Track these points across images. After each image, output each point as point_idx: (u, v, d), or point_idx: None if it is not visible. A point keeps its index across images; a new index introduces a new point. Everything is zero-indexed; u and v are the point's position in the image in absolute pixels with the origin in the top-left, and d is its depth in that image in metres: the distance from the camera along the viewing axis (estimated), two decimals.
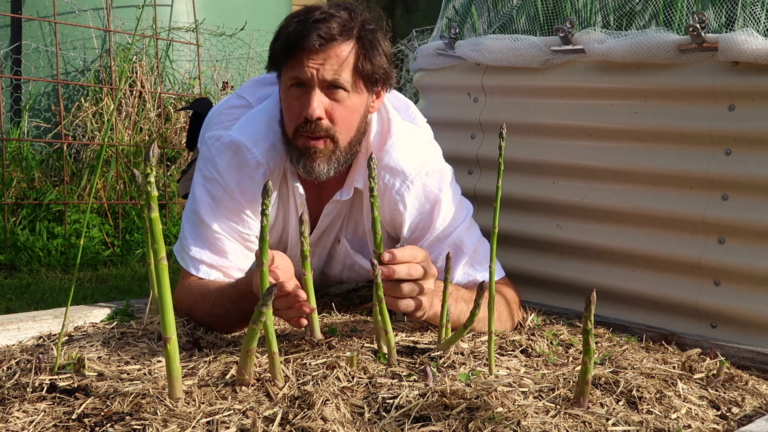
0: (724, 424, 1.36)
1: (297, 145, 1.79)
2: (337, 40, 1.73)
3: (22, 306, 2.93)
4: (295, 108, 1.77)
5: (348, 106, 1.77)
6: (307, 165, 1.79)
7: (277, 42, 1.77)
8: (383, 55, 1.79)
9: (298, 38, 1.72)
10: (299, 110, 1.76)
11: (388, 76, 1.83)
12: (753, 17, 1.85)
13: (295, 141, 1.79)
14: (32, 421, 1.24)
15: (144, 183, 1.28)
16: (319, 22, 1.71)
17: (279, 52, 1.76)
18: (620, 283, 2.10)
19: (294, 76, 1.75)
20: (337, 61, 1.73)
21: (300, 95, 1.76)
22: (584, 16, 2.24)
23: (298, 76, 1.74)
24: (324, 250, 2.03)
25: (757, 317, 1.84)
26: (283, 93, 1.82)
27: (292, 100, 1.77)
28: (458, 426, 1.22)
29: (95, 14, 4.85)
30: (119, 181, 4.43)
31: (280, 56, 1.76)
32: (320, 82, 1.73)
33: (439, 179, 1.89)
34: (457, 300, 1.73)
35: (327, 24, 1.72)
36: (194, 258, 1.83)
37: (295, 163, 1.82)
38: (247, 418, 1.24)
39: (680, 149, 1.99)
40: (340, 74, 1.74)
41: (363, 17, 1.78)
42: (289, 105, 1.79)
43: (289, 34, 1.74)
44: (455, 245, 1.86)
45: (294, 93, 1.77)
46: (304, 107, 1.74)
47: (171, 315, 1.29)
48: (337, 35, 1.73)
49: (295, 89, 1.76)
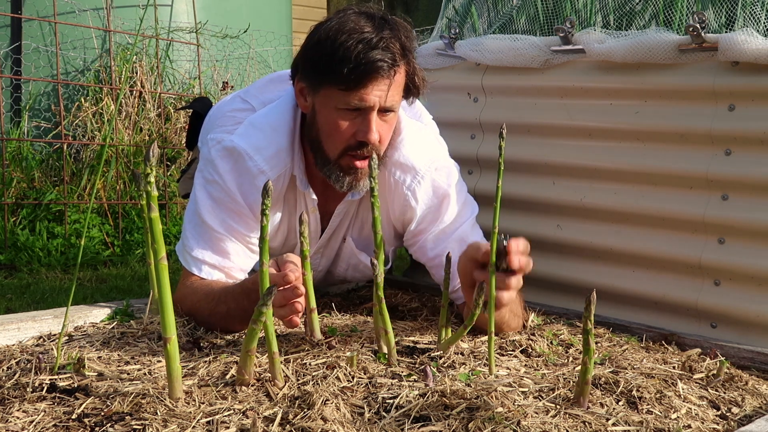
0: (724, 424, 1.36)
1: (341, 164, 1.79)
2: (400, 67, 1.73)
3: (22, 306, 2.93)
4: (347, 130, 1.75)
5: (392, 123, 1.81)
6: (353, 183, 1.81)
7: (340, 63, 1.68)
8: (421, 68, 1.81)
9: (372, 69, 1.67)
10: (351, 132, 1.75)
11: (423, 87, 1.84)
12: (753, 17, 1.85)
13: (339, 160, 1.79)
14: (32, 421, 1.24)
15: (144, 183, 1.28)
16: (386, 50, 1.69)
17: (345, 77, 1.68)
18: (620, 283, 2.10)
19: (352, 102, 1.71)
20: (398, 88, 1.75)
21: (354, 117, 1.74)
22: (584, 16, 2.24)
23: (360, 103, 1.71)
24: (332, 251, 2.04)
25: (757, 317, 1.84)
26: (329, 113, 1.76)
27: (343, 122, 1.75)
28: (458, 426, 1.22)
29: (95, 14, 4.85)
30: (119, 181, 4.43)
31: (345, 82, 1.69)
32: (380, 108, 1.74)
33: (447, 175, 1.92)
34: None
35: (391, 52, 1.69)
36: (196, 258, 1.83)
37: (335, 181, 1.82)
38: (247, 418, 1.24)
39: (680, 149, 1.99)
40: (396, 98, 1.75)
41: (404, 31, 1.76)
42: (337, 126, 1.76)
43: (356, 60, 1.67)
44: (461, 240, 1.87)
45: (346, 115, 1.74)
46: (361, 131, 1.74)
47: (171, 315, 1.29)
48: (401, 62, 1.72)
49: (349, 112, 1.74)
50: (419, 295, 2.23)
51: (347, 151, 1.77)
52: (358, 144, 1.76)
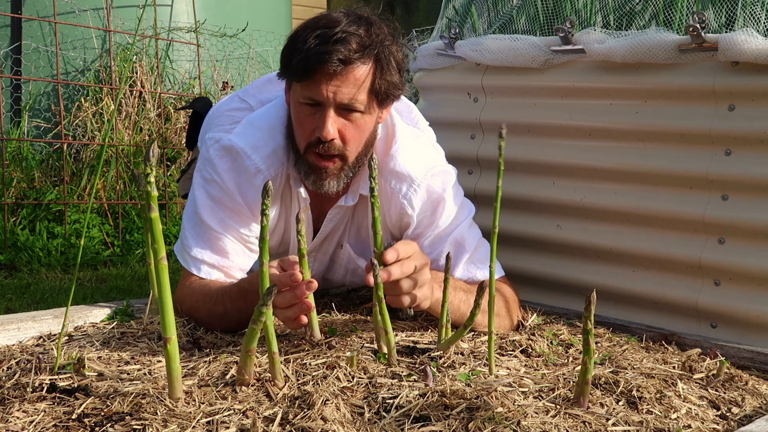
0: (724, 424, 1.36)
1: (307, 160, 1.79)
2: (356, 63, 1.69)
3: (22, 306, 2.93)
4: (307, 125, 1.75)
5: (360, 125, 1.76)
6: (317, 182, 1.80)
7: (293, 55, 1.70)
8: (397, 70, 1.76)
9: (317, 60, 1.66)
10: (312, 128, 1.74)
11: (401, 91, 1.81)
12: (753, 17, 1.85)
13: (305, 156, 1.79)
14: (32, 421, 1.24)
15: (144, 183, 1.28)
16: (339, 43, 1.66)
17: (295, 68, 1.71)
18: (620, 283, 2.10)
19: (309, 96, 1.72)
20: (355, 85, 1.71)
21: (313, 113, 1.73)
22: (584, 16, 2.24)
23: (313, 96, 1.71)
24: (326, 256, 2.03)
25: (757, 317, 1.84)
26: (294, 107, 1.78)
27: (305, 117, 1.75)
28: (458, 426, 1.22)
29: (95, 14, 4.85)
30: (119, 181, 4.43)
31: (295, 73, 1.71)
32: (336, 104, 1.71)
33: (442, 180, 1.90)
34: (455, 289, 1.73)
35: (347, 46, 1.67)
36: (195, 258, 1.83)
37: (305, 177, 1.82)
38: (247, 418, 1.24)
39: (680, 149, 1.99)
40: (356, 97, 1.71)
41: (381, 33, 1.73)
42: (301, 121, 1.77)
43: (307, 52, 1.67)
44: (457, 243, 1.87)
45: (307, 110, 1.74)
46: (318, 127, 1.72)
47: (171, 315, 1.29)
48: (357, 58, 1.68)
49: (308, 107, 1.74)
50: None
51: (310, 147, 1.77)
52: (317, 140, 1.75)
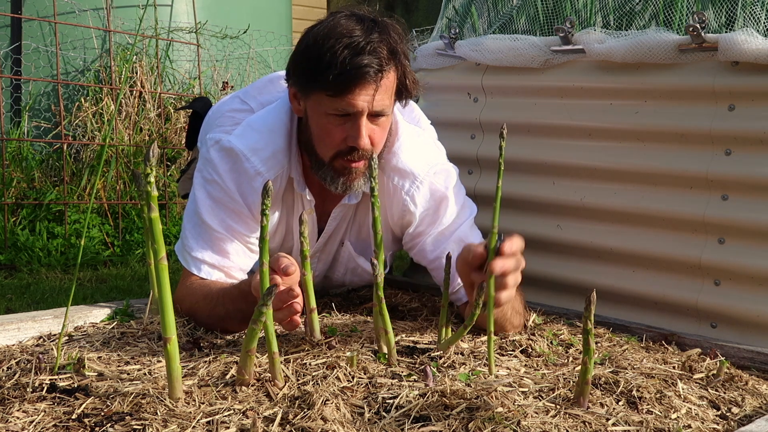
0: (724, 424, 1.36)
1: (335, 166, 1.79)
2: (388, 71, 1.70)
3: (22, 306, 2.93)
4: (336, 135, 1.74)
5: (385, 126, 1.78)
6: (347, 183, 1.80)
7: (326, 70, 1.66)
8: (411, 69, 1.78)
9: (357, 75, 1.65)
10: (342, 137, 1.74)
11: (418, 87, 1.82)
12: (753, 17, 1.85)
13: (332, 163, 1.79)
14: (32, 421, 1.24)
15: (144, 183, 1.28)
16: (372, 55, 1.66)
17: (331, 84, 1.67)
18: (620, 283, 2.10)
19: (342, 108, 1.70)
20: (386, 92, 1.72)
21: (343, 123, 1.73)
22: (584, 16, 2.24)
23: (347, 108, 1.70)
24: (330, 255, 2.04)
25: (757, 317, 1.84)
26: (319, 117, 1.76)
27: (334, 127, 1.74)
28: (458, 426, 1.22)
29: (95, 14, 4.85)
30: (119, 181, 4.43)
31: (332, 88, 1.68)
32: (369, 112, 1.72)
33: (445, 178, 1.91)
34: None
35: (378, 56, 1.67)
36: (196, 258, 1.83)
37: (330, 182, 1.82)
38: (247, 418, 1.24)
39: (680, 149, 1.99)
40: (385, 103, 1.73)
41: (396, 34, 1.73)
42: (328, 131, 1.75)
43: (343, 66, 1.65)
44: (460, 241, 1.87)
45: (336, 121, 1.73)
46: (351, 137, 1.72)
47: (171, 315, 1.29)
48: (387, 66, 1.69)
49: (338, 117, 1.73)
50: (419, 295, 2.23)
51: (339, 155, 1.77)
52: (349, 149, 1.75)
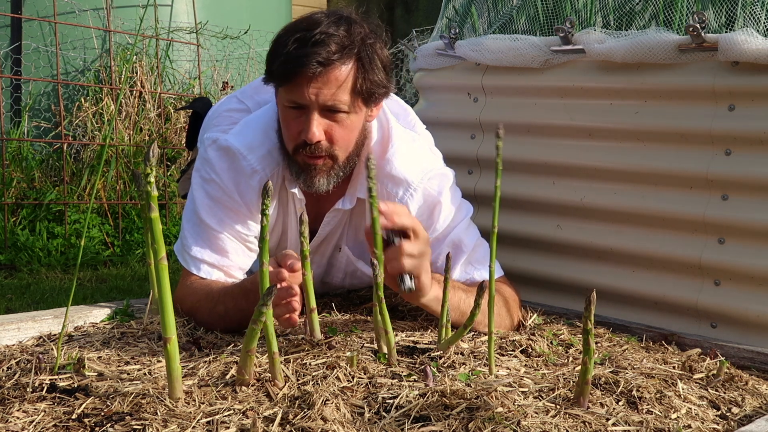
0: (724, 424, 1.36)
1: (296, 160, 1.79)
2: (336, 64, 1.68)
3: (22, 306, 2.93)
4: (293, 128, 1.75)
5: (347, 125, 1.75)
6: (308, 180, 1.80)
7: (274, 61, 1.71)
8: (382, 69, 1.75)
9: (297, 64, 1.66)
10: (298, 131, 1.74)
11: (387, 89, 1.80)
12: (753, 17, 1.85)
13: (294, 157, 1.79)
14: (32, 421, 1.24)
15: (144, 183, 1.28)
16: (318, 45, 1.66)
17: (276, 73, 1.71)
18: (620, 283, 2.10)
19: (292, 99, 1.72)
20: (336, 85, 1.70)
21: (298, 116, 1.73)
22: (584, 16, 2.24)
23: (296, 99, 1.71)
24: (323, 258, 2.02)
25: (757, 317, 1.84)
26: (281, 110, 1.79)
27: (291, 120, 1.75)
28: (458, 426, 1.22)
29: (95, 14, 4.85)
30: (119, 181, 4.43)
31: (277, 78, 1.72)
32: (319, 106, 1.71)
33: (439, 183, 1.89)
34: (454, 288, 1.73)
35: (326, 48, 1.66)
36: (195, 258, 1.83)
37: (296, 177, 1.82)
38: (247, 418, 1.24)
39: (680, 149, 1.99)
40: (339, 98, 1.70)
41: (362, 31, 1.73)
42: (287, 124, 1.77)
43: (287, 56, 1.68)
44: (454, 244, 1.87)
45: (292, 113, 1.74)
46: (303, 130, 1.72)
47: (171, 315, 1.29)
48: (336, 59, 1.67)
49: (293, 110, 1.73)
50: None
51: (298, 149, 1.77)
52: (303, 143, 1.74)
